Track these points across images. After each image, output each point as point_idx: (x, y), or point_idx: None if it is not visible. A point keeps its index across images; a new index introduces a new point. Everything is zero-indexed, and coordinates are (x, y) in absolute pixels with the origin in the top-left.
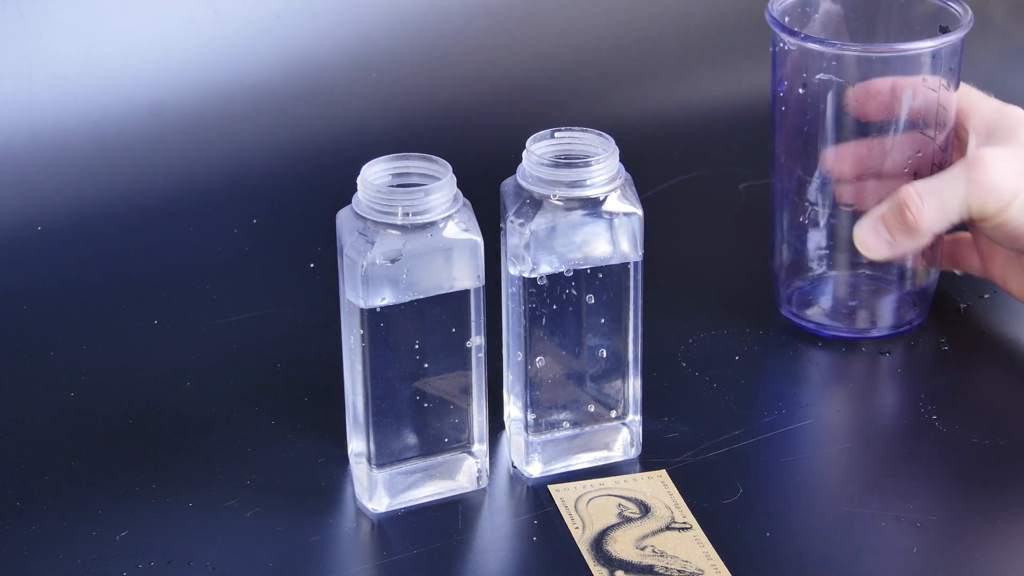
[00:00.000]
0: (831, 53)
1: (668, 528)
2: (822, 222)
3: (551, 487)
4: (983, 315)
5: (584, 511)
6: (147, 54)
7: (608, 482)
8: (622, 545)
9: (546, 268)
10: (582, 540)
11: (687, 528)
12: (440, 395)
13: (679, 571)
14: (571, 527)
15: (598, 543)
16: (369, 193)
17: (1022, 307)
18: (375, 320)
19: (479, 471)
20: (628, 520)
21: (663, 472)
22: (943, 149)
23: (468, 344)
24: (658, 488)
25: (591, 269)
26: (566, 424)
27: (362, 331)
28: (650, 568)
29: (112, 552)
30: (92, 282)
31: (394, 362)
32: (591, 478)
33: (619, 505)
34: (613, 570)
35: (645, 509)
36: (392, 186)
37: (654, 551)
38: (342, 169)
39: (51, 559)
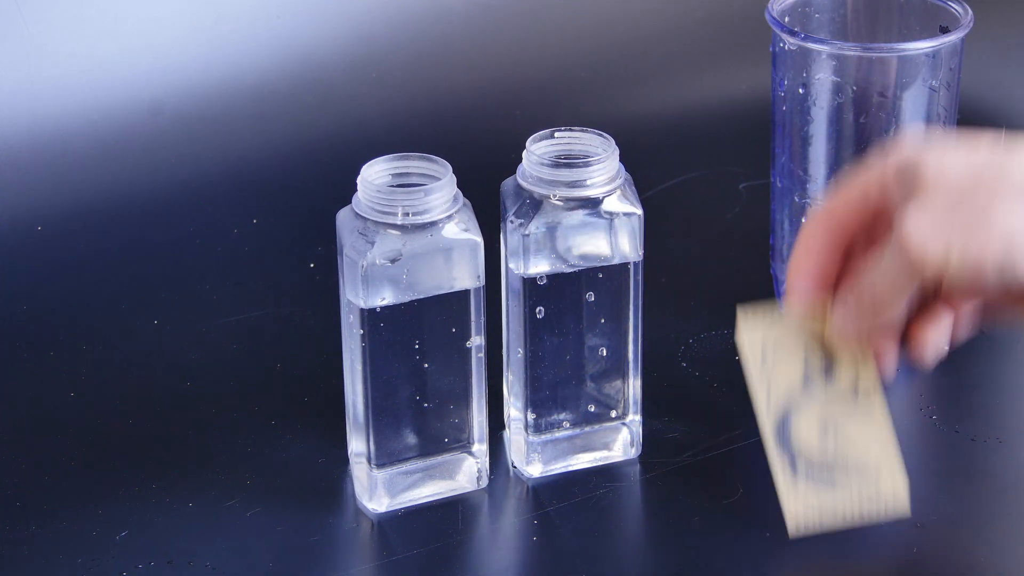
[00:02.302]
0: (831, 53)
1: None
2: None
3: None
4: None
5: (771, 362)
6: (147, 54)
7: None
8: (806, 429)
9: (546, 268)
10: (766, 412)
11: (869, 401)
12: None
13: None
14: (755, 383)
15: (783, 424)
16: (369, 193)
17: None
18: (375, 320)
19: (479, 471)
20: (809, 381)
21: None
22: None
23: (468, 344)
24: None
25: (591, 269)
26: (566, 424)
27: (362, 331)
28: (831, 469)
29: (112, 552)
30: (92, 282)
31: (394, 362)
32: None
33: (804, 359)
34: (796, 466)
35: (829, 363)
36: (392, 186)
37: (835, 441)
38: (342, 169)
39: (51, 559)
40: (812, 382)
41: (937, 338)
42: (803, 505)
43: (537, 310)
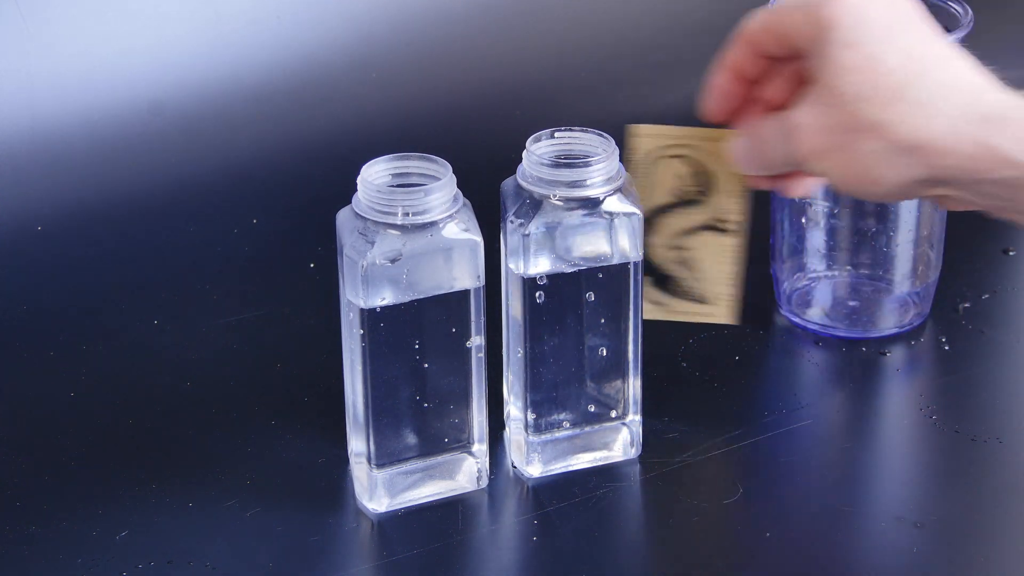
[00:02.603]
0: None
1: (710, 227)
2: (822, 222)
3: (634, 129)
4: (983, 315)
5: (653, 171)
6: (147, 54)
7: (688, 136)
8: (661, 238)
9: (546, 268)
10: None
11: (726, 232)
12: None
13: (692, 287)
14: (637, 187)
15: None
16: (369, 193)
17: (1022, 307)
18: (375, 320)
19: (479, 471)
20: (681, 204)
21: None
22: None
23: (468, 344)
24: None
25: (591, 269)
26: (566, 424)
27: (362, 331)
28: (665, 282)
29: (112, 552)
30: (92, 282)
31: (394, 362)
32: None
33: (681, 176)
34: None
35: (707, 186)
36: (392, 186)
37: (681, 257)
38: (342, 169)
39: (51, 559)
40: (684, 199)
41: (808, 185)
42: (649, 300)
43: (537, 295)
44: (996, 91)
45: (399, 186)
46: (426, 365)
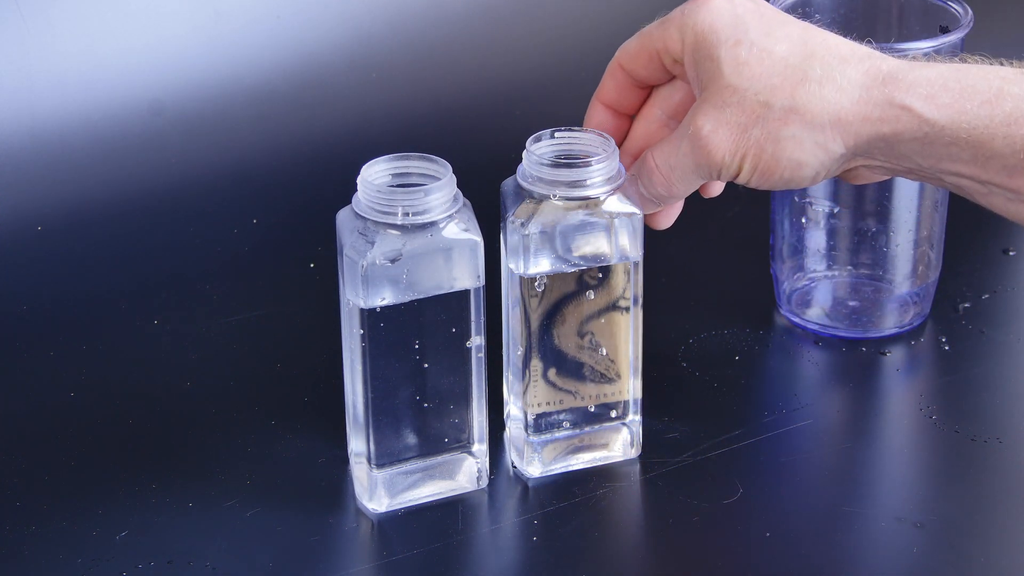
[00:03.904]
0: None
1: (614, 307)
2: (822, 222)
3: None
4: (983, 315)
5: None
6: (147, 54)
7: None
8: (567, 328)
9: (546, 268)
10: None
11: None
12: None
13: (602, 375)
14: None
15: (548, 318)
16: (369, 193)
17: (1022, 307)
18: (375, 320)
19: (479, 471)
20: (586, 288)
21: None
22: None
23: (468, 344)
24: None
25: (591, 269)
26: (566, 424)
27: (362, 331)
28: (579, 367)
29: (112, 552)
30: (92, 282)
31: (394, 362)
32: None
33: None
34: (547, 367)
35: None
36: (392, 186)
37: (591, 342)
38: (342, 169)
39: (51, 559)
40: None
41: (674, 211)
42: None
43: (536, 310)
44: (885, 57)
45: (399, 186)
46: (426, 365)
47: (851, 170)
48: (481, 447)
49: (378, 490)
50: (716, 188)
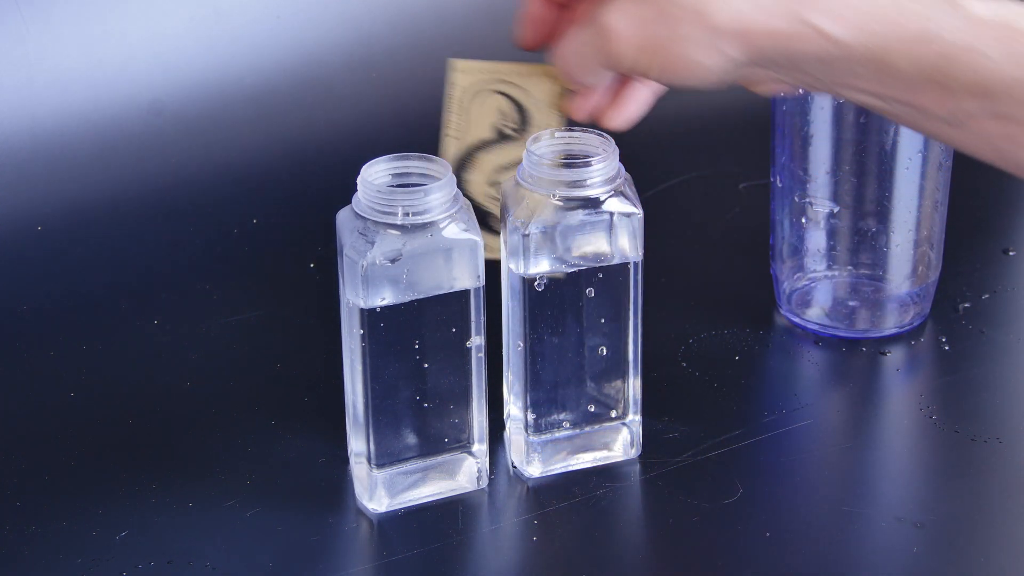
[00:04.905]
0: None
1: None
2: (822, 222)
3: (453, 64)
4: (983, 315)
5: (471, 106)
6: (147, 54)
7: (506, 71)
8: (478, 174)
9: (546, 268)
10: (452, 150)
11: None
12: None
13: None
14: (450, 126)
15: (463, 162)
16: (369, 193)
17: (1022, 307)
18: (375, 320)
19: (479, 471)
20: (499, 139)
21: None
22: None
23: (468, 344)
24: (547, 90)
25: (591, 269)
26: (566, 424)
27: (362, 331)
28: (484, 219)
29: (112, 552)
30: (92, 282)
31: (394, 362)
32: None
33: (500, 112)
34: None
35: (524, 123)
36: (392, 186)
37: (498, 192)
38: (342, 169)
39: (51, 559)
40: (502, 134)
41: (632, 107)
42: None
43: (537, 310)
44: None
45: (399, 186)
46: (426, 365)
47: (753, 80)
48: (481, 447)
49: (378, 490)
50: (619, 118)
